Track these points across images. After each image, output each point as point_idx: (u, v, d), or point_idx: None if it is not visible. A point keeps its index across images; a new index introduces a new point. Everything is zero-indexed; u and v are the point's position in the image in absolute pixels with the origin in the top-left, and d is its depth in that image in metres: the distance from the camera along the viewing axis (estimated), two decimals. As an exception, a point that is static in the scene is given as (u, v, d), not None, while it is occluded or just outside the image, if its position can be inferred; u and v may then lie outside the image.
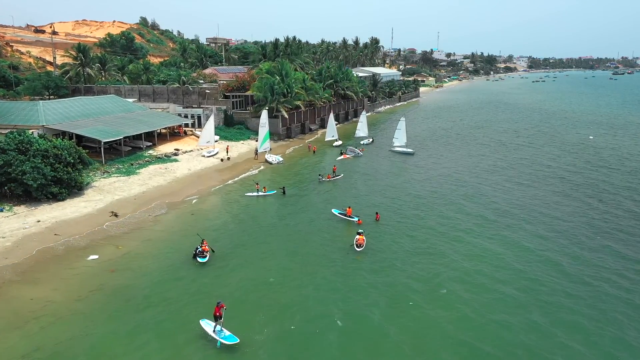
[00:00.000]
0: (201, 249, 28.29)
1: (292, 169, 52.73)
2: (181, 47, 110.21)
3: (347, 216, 35.04)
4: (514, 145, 66.28)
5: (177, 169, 48.49)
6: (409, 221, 35.09)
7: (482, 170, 50.94)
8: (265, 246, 30.47)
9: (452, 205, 38.52)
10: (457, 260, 28.15)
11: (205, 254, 28.09)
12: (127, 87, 76.22)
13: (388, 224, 34.52)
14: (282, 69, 70.91)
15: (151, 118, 59.91)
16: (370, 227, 33.19)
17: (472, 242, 30.79)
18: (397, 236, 32.14)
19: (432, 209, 37.87)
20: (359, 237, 29.84)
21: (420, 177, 48.04)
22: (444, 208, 37.93)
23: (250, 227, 33.85)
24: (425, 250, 29.63)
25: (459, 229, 33.07)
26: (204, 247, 28.32)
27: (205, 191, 42.79)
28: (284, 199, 41.06)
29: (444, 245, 30.38)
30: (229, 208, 38.54)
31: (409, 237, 31.92)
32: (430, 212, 37.13)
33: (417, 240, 31.34)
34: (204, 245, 28.49)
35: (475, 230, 32.96)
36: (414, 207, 38.27)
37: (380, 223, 34.67)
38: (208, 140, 56.61)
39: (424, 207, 38.20)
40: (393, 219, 35.45)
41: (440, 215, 36.29)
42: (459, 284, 25.22)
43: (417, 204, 39.06)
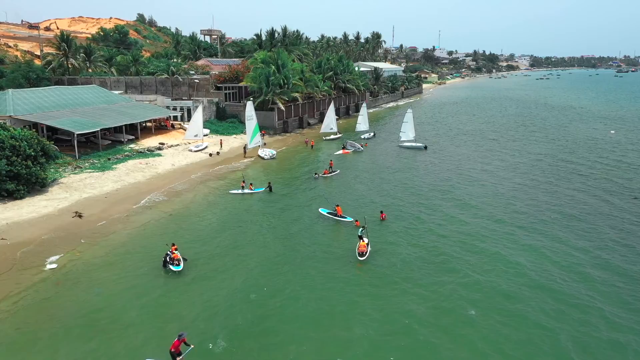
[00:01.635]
0: (172, 255, 23.54)
1: (286, 165, 47.90)
2: (174, 39, 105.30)
3: (338, 216, 30.23)
4: (530, 141, 61.35)
5: (159, 165, 43.67)
6: (418, 222, 30.24)
7: (498, 168, 46.06)
8: (248, 253, 25.60)
9: (467, 207, 33.66)
10: (478, 277, 23.29)
11: (179, 262, 23.31)
12: (112, 79, 71.40)
13: (394, 224, 29.70)
14: (279, 59, 66.05)
15: (135, 110, 55.10)
16: (374, 227, 28.39)
17: (491, 252, 25.89)
18: (405, 240, 27.31)
19: (445, 209, 33.01)
20: (361, 244, 24.99)
21: (431, 175, 43.15)
22: (459, 210, 33.07)
23: (232, 230, 28.99)
24: (440, 260, 24.74)
25: (478, 236, 28.17)
26: (175, 254, 23.53)
27: (188, 188, 37.97)
28: (272, 197, 36.25)
29: (461, 254, 25.50)
30: (212, 207, 33.72)
31: (418, 242, 27.07)
32: (443, 213, 32.27)
33: (428, 247, 26.48)
34: (174, 251, 23.74)
35: (494, 237, 28.07)
36: (424, 207, 33.41)
37: (385, 223, 29.89)
38: (196, 133, 51.81)
39: (435, 208, 33.34)
40: (400, 219, 30.64)
41: (454, 217, 31.44)
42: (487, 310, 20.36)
43: (428, 204, 34.21)
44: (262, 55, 67.54)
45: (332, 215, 30.43)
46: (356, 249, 25.26)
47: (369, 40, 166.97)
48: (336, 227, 29.71)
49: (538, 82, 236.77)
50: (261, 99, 62.50)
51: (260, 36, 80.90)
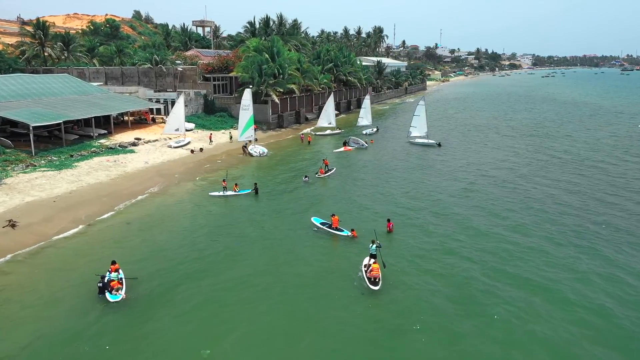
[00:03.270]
0: (110, 277, 17.45)
1: (278, 163, 41.65)
2: (164, 30, 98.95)
3: (334, 228, 23.95)
4: (550, 138, 55.06)
5: (129, 162, 37.45)
6: (433, 236, 24.02)
7: (519, 167, 39.81)
8: (220, 281, 19.34)
9: (492, 216, 27.34)
10: (529, 326, 17.07)
11: (119, 290, 17.15)
12: (91, 69, 65.14)
13: (405, 238, 23.50)
14: (273, 46, 59.83)
15: (109, 102, 48.91)
16: (380, 241, 22.23)
17: (531, 283, 19.69)
18: (418, 261, 21.08)
19: (465, 220, 26.77)
20: (374, 267, 18.74)
21: (446, 176, 36.85)
22: (482, 220, 26.85)
23: (204, 244, 22.75)
24: (466, 296, 18.50)
25: (509, 257, 21.94)
26: (114, 281, 17.35)
27: (158, 190, 31.77)
28: (258, 201, 30.05)
29: (494, 286, 19.27)
30: (184, 214, 27.49)
31: (436, 265, 20.84)
32: (463, 224, 26.03)
33: (450, 273, 20.25)
34: (113, 272, 17.67)
35: (530, 258, 21.79)
36: (440, 217, 27.16)
37: (394, 236, 23.72)
38: (177, 127, 45.61)
39: (454, 218, 27.10)
40: (411, 232, 24.44)
41: (477, 230, 25.24)
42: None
43: (444, 213, 27.95)
44: (254, 43, 61.31)
45: (327, 227, 24.21)
46: (364, 272, 19.06)
47: (371, 35, 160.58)
48: (331, 243, 23.46)
49: (544, 79, 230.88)
50: (253, 91, 56.12)
51: (254, 24, 74.67)
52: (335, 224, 24.04)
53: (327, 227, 24.10)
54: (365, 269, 19.07)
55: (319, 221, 24.85)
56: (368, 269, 18.79)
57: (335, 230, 23.86)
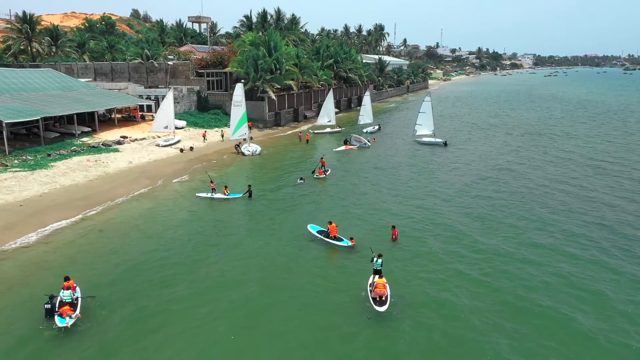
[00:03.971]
0: (62, 296, 14.56)
1: (274, 163, 38.70)
2: (159, 26, 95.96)
3: (331, 237, 20.95)
4: (563, 138, 52.09)
5: (112, 162, 34.50)
6: (443, 245, 21.06)
7: (536, 169, 36.89)
8: (197, 302, 16.38)
9: (509, 227, 24.46)
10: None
11: (69, 314, 14.20)
12: (80, 65, 62.28)
13: (411, 248, 20.56)
14: (270, 40, 56.86)
15: (95, 98, 45.97)
16: (383, 251, 19.33)
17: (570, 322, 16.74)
18: (427, 274, 18.16)
19: (478, 227, 23.88)
20: (379, 282, 15.80)
21: (455, 178, 33.88)
22: (498, 229, 23.94)
23: (183, 256, 19.77)
24: (487, 325, 15.56)
25: (532, 279, 19.03)
26: (64, 307, 14.39)
27: (141, 192, 28.80)
28: (250, 205, 27.09)
29: (518, 299, 16.35)
30: (166, 219, 24.50)
31: (448, 282, 17.88)
32: (476, 234, 23.13)
33: (464, 293, 17.31)
34: (65, 290, 14.79)
35: (558, 282, 18.89)
36: (450, 224, 24.21)
37: (399, 245, 20.78)
38: (166, 125, 42.67)
39: (466, 225, 24.19)
40: (419, 241, 21.47)
41: (491, 242, 22.32)
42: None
43: (455, 220, 25.01)
44: (250, 37, 58.34)
45: (324, 236, 21.23)
46: (368, 290, 16.14)
47: (372, 33, 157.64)
48: (329, 255, 20.47)
49: (547, 79, 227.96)
50: (248, 86, 53.25)
51: (250, 18, 71.70)
52: (333, 232, 21.06)
53: (324, 235, 21.14)
54: (370, 287, 16.16)
55: (315, 229, 21.89)
56: (372, 287, 15.87)
57: (333, 239, 20.89)
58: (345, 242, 20.61)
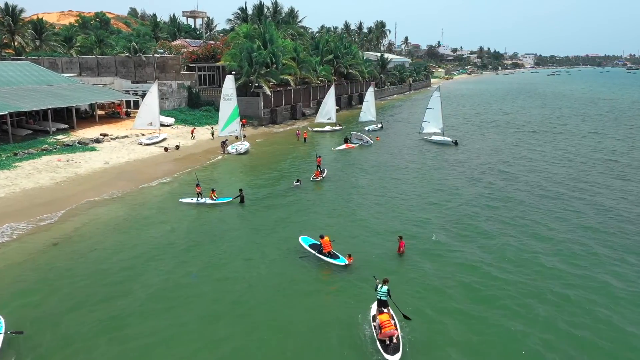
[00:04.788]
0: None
1: (269, 163, 35.17)
2: (152, 21, 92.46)
3: (325, 254, 17.43)
4: (580, 135, 48.60)
5: (85, 162, 30.99)
6: (459, 260, 17.57)
7: (553, 170, 33.43)
8: (160, 338, 12.86)
9: (531, 236, 21.01)
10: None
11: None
12: (64, 59, 58.76)
13: (421, 264, 17.09)
14: (266, 32, 53.35)
15: (75, 93, 42.48)
16: (389, 267, 15.97)
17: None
18: (443, 294, 14.74)
19: (498, 237, 20.38)
20: (383, 320, 12.26)
21: (467, 181, 30.35)
22: (519, 238, 20.46)
23: (149, 276, 16.27)
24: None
25: (571, 309, 15.55)
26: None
27: (114, 196, 25.28)
28: (240, 211, 23.60)
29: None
30: (140, 230, 20.96)
31: (476, 301, 14.40)
32: (497, 244, 19.63)
33: (497, 311, 13.81)
34: None
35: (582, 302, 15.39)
36: (465, 232, 20.74)
37: (406, 259, 17.33)
38: (150, 121, 39.14)
39: (483, 234, 20.75)
40: (430, 255, 18.03)
41: (515, 251, 18.82)
42: None
43: (470, 228, 21.51)
44: (244, 29, 54.81)
45: (316, 251, 17.64)
46: (373, 327, 12.65)
47: (373, 30, 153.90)
48: (321, 275, 16.95)
49: (550, 78, 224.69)
50: (242, 81, 49.79)
51: (246, 10, 68.21)
52: (327, 247, 17.53)
53: (317, 251, 17.62)
54: (375, 323, 12.66)
55: (308, 242, 18.38)
56: (379, 326, 12.34)
57: (327, 256, 17.36)
58: (341, 259, 17.10)
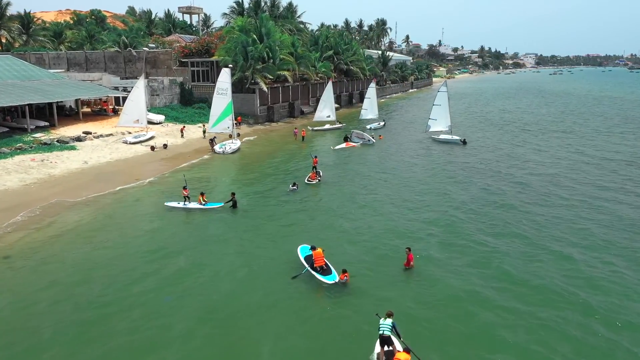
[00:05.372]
0: None
1: (265, 163, 32.53)
2: (146, 17, 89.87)
3: (314, 269, 14.89)
4: (595, 134, 46.00)
5: (63, 162, 28.38)
6: (476, 273, 14.96)
7: (573, 173, 30.86)
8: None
9: (550, 252, 18.41)
10: None
11: None
12: (51, 55, 56.14)
13: (433, 275, 14.44)
14: (262, 26, 50.72)
15: (58, 88, 39.88)
16: (395, 284, 13.36)
17: None
18: (459, 319, 12.09)
19: (518, 248, 17.81)
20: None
21: (479, 184, 27.76)
22: (542, 249, 17.83)
23: (112, 297, 13.65)
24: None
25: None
26: None
27: (88, 199, 22.65)
28: (232, 217, 20.98)
29: None
30: (112, 239, 18.32)
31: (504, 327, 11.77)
32: (517, 255, 17.06)
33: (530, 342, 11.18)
34: None
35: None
36: (481, 243, 18.15)
37: (416, 276, 14.79)
38: (137, 118, 36.54)
39: (501, 244, 18.15)
40: (446, 266, 15.41)
41: (539, 268, 16.20)
42: None
43: (487, 237, 18.94)
44: (240, 22, 52.18)
45: (308, 264, 15.10)
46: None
47: (373, 28, 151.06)
48: (315, 297, 14.36)
49: (552, 77, 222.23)
50: (237, 76, 47.16)
51: (242, 4, 65.48)
52: (319, 261, 14.95)
53: (309, 265, 15.05)
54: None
55: (305, 253, 15.80)
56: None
57: (317, 272, 14.76)
58: (331, 277, 14.50)
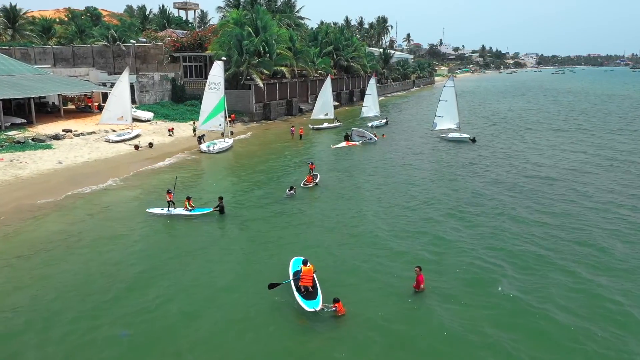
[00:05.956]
0: None
1: (260, 164, 29.88)
2: (141, 12, 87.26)
3: (298, 288, 12.32)
4: (609, 132, 43.36)
5: (34, 162, 25.75)
6: (499, 293, 12.31)
7: (597, 174, 28.19)
8: None
9: (588, 266, 15.74)
10: None
11: None
12: (37, 49, 53.59)
13: (449, 301, 11.78)
14: (258, 19, 48.09)
15: (37, 84, 37.30)
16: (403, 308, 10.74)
17: None
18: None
19: (549, 264, 15.15)
20: None
21: (494, 187, 25.14)
22: (576, 262, 15.19)
23: (58, 334, 11.00)
24: None
25: None
26: None
27: (55, 204, 20.00)
28: (220, 224, 18.37)
29: None
30: (77, 253, 15.68)
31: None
32: (549, 273, 14.39)
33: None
34: None
35: None
36: (503, 258, 15.53)
37: (427, 298, 12.11)
38: (121, 115, 33.91)
39: (527, 262, 15.48)
40: (458, 287, 12.74)
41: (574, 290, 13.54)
42: None
43: (509, 252, 16.29)
44: (234, 15, 49.53)
45: (296, 286, 12.44)
46: None
47: (374, 25, 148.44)
48: (301, 333, 11.71)
49: (555, 76, 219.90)
50: (231, 71, 44.59)
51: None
52: (306, 279, 12.29)
53: (294, 278, 12.52)
54: None
55: (296, 266, 13.23)
56: None
57: (300, 292, 12.18)
58: (312, 303, 11.76)
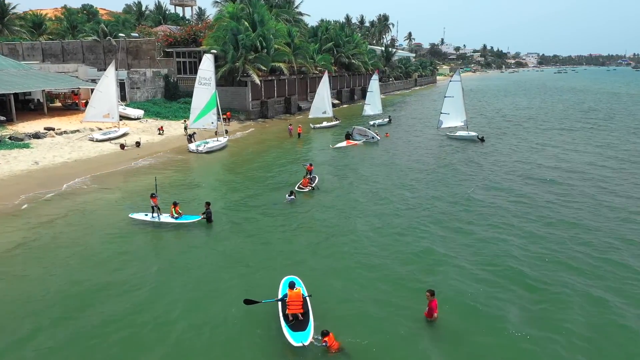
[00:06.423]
0: None
1: (254, 165, 27.75)
2: (136, 9, 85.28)
3: (286, 316, 10.30)
4: (621, 131, 41.23)
5: (7, 163, 23.65)
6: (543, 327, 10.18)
7: (615, 175, 26.05)
8: None
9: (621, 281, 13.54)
10: None
11: None
12: (25, 45, 51.52)
13: (469, 333, 9.62)
14: (255, 13, 45.98)
15: (19, 79, 35.24)
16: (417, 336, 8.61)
17: None
18: None
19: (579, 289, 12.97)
20: None
21: (507, 192, 23.01)
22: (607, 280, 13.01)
23: None
24: None
25: None
26: None
27: (21, 210, 17.89)
28: (208, 234, 16.27)
29: None
30: (41, 266, 13.59)
31: None
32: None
33: None
34: None
35: None
36: (525, 276, 13.40)
37: (442, 328, 9.94)
38: (107, 112, 31.79)
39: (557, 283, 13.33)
40: (477, 317, 10.57)
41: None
42: None
43: (531, 269, 14.16)
44: (230, 8, 47.40)
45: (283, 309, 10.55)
46: None
47: (375, 24, 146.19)
48: None
49: (557, 75, 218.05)
50: (227, 68, 42.50)
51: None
52: (293, 306, 10.38)
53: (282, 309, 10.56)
54: None
55: (286, 287, 11.16)
56: None
57: (287, 323, 10.21)
58: (301, 336, 9.75)
